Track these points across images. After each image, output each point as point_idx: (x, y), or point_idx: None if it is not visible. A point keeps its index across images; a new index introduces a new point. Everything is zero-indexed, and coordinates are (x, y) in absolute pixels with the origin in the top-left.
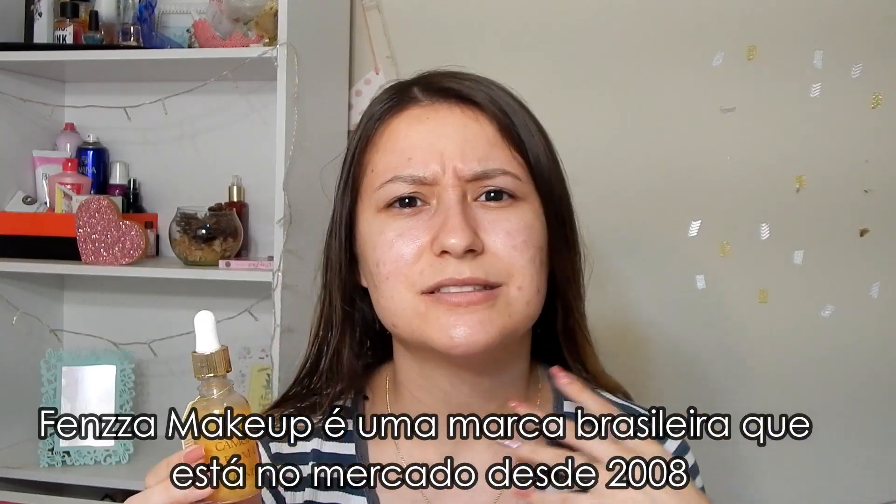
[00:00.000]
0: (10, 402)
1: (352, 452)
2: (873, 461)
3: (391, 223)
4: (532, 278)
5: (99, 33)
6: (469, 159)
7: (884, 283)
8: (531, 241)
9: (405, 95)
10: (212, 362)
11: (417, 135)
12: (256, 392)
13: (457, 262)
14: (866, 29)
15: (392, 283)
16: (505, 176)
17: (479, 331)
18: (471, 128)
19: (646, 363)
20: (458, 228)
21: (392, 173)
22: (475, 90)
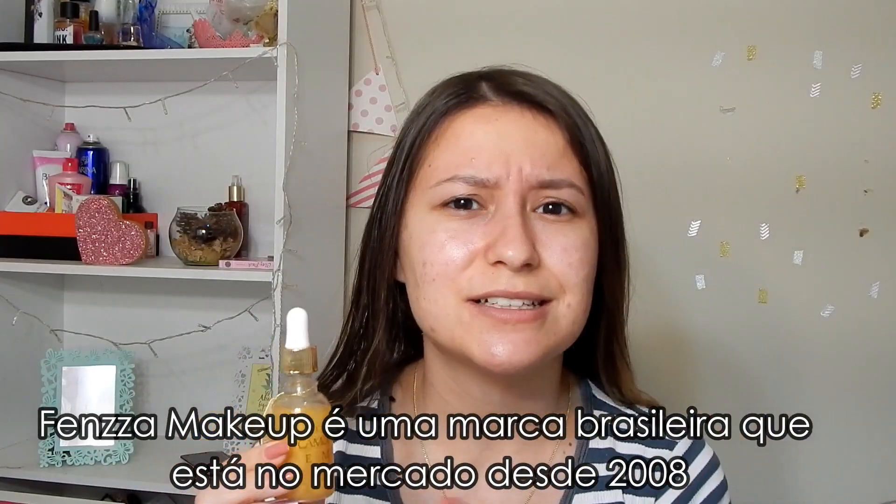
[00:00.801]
0: (10, 402)
1: (377, 455)
2: (873, 461)
3: (444, 223)
4: (582, 297)
5: (99, 33)
6: (537, 166)
7: (884, 283)
8: (586, 260)
9: (473, 92)
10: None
11: (484, 135)
12: (256, 392)
13: (511, 274)
14: (866, 29)
15: (437, 286)
16: (570, 189)
17: (524, 350)
18: (541, 134)
19: (644, 364)
20: (517, 240)
21: (452, 172)
22: (548, 96)
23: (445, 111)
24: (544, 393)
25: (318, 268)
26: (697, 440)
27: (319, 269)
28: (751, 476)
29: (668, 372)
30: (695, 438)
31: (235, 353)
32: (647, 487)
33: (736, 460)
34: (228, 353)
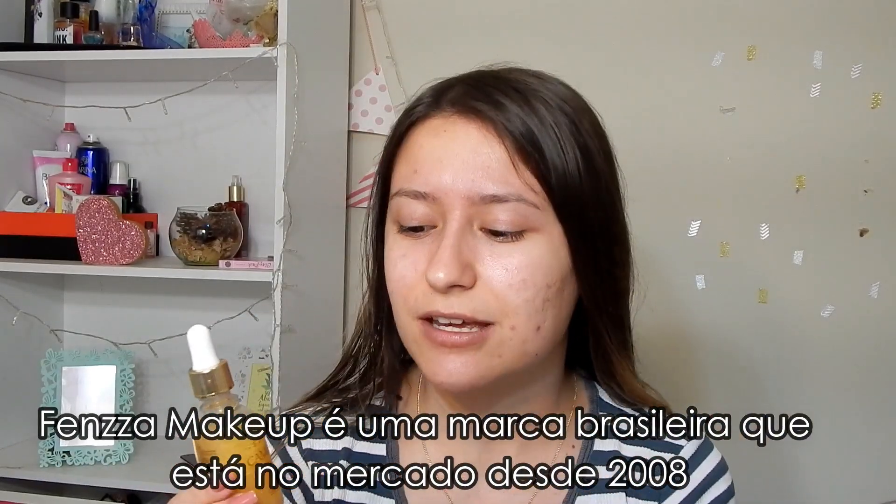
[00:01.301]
0: (10, 402)
1: (383, 453)
2: (874, 460)
3: (399, 241)
4: (529, 317)
5: (99, 33)
6: (479, 181)
7: (884, 283)
8: (532, 280)
9: (436, 102)
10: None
11: (429, 148)
12: (256, 392)
13: (443, 296)
14: (866, 29)
15: (395, 301)
16: (519, 202)
17: (462, 373)
18: (484, 148)
19: (644, 364)
20: (441, 262)
21: (399, 185)
22: (500, 106)
23: (408, 121)
24: (541, 395)
25: (318, 268)
26: (706, 443)
27: (319, 269)
28: (751, 476)
29: (669, 372)
30: (703, 441)
31: (235, 353)
32: (648, 489)
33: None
34: (228, 353)
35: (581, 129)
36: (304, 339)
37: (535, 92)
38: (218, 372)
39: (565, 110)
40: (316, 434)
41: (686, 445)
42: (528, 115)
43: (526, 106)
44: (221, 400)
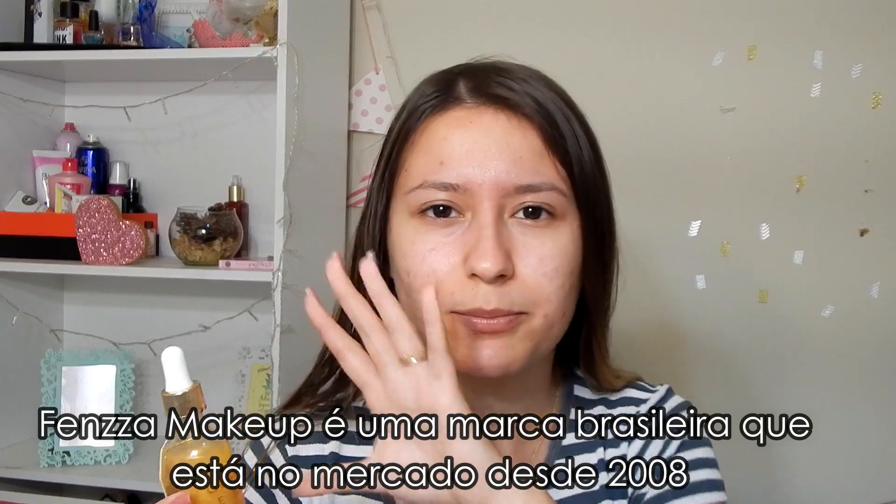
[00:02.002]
0: (10, 402)
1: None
2: (874, 460)
3: (424, 234)
4: (559, 305)
5: (99, 33)
6: (512, 171)
7: (884, 283)
8: (562, 268)
9: (450, 94)
10: (185, 402)
11: (456, 140)
12: (256, 392)
13: (486, 287)
14: (866, 29)
15: None
16: (551, 191)
17: (502, 356)
18: (516, 137)
19: (645, 363)
20: (489, 253)
21: (423, 178)
22: (523, 96)
23: (422, 114)
24: (537, 389)
25: (318, 268)
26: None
27: (319, 269)
28: (750, 476)
29: (669, 371)
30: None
31: (235, 353)
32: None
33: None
34: (228, 353)
35: (584, 120)
36: (304, 339)
37: (541, 81)
38: (190, 393)
39: (568, 101)
40: (300, 439)
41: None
42: (550, 102)
43: (542, 95)
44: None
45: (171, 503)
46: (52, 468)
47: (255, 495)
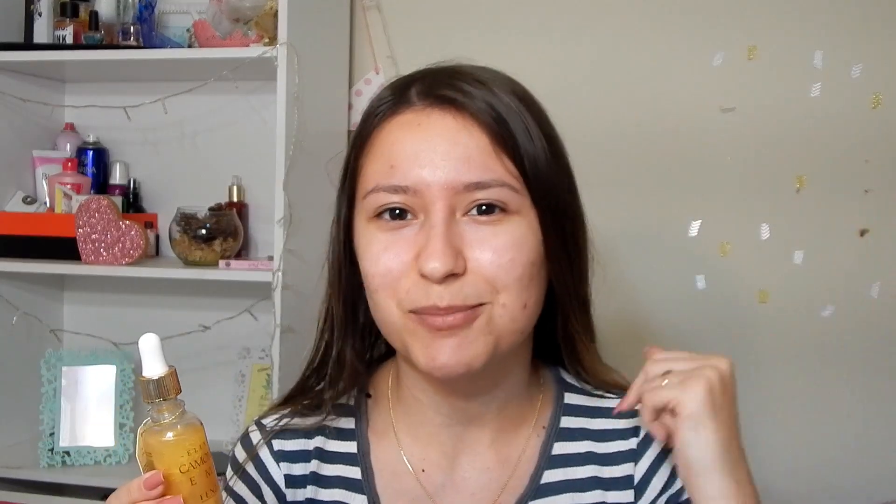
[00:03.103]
0: (10, 402)
1: (354, 451)
2: (874, 460)
3: (378, 235)
4: (518, 295)
5: (99, 33)
6: (461, 170)
7: (884, 283)
8: (519, 259)
9: (402, 97)
10: (161, 386)
11: (406, 142)
12: (256, 392)
13: (438, 286)
14: (866, 29)
15: (381, 297)
16: (501, 188)
17: (460, 353)
18: (463, 137)
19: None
20: (437, 252)
21: (375, 182)
22: (471, 96)
23: (375, 118)
24: (514, 387)
25: (317, 268)
26: None
27: (319, 269)
28: None
29: None
30: None
31: (235, 353)
32: (615, 456)
33: None
34: (228, 353)
35: (541, 115)
36: (304, 339)
37: (494, 79)
38: (166, 378)
39: (525, 100)
40: (287, 435)
41: None
42: (497, 103)
43: (493, 95)
44: (168, 405)
45: (146, 479)
46: (52, 468)
47: (243, 487)
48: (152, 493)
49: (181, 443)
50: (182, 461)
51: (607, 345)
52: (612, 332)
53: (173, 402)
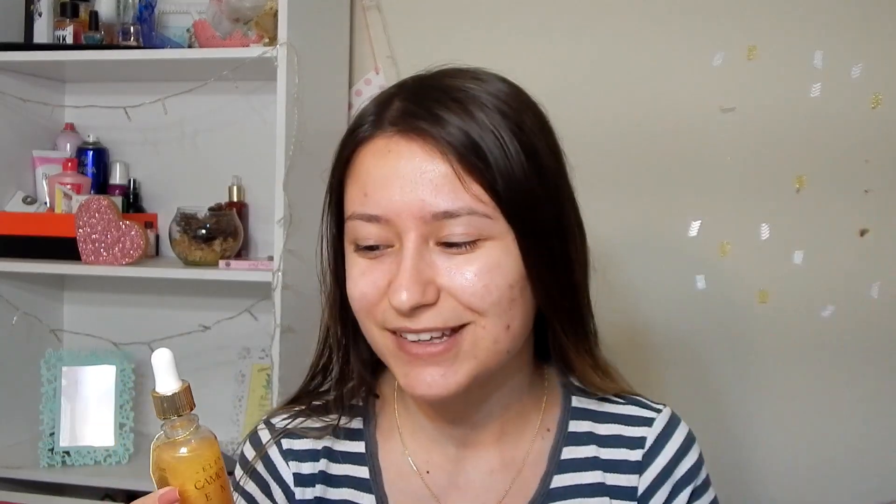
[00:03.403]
0: (10, 402)
1: (362, 451)
2: (874, 460)
3: (359, 260)
4: (499, 317)
5: (99, 33)
6: (429, 199)
7: (884, 283)
8: (494, 284)
9: (379, 120)
10: (175, 402)
11: (377, 170)
12: (256, 392)
13: (407, 319)
14: (866, 29)
15: (362, 318)
16: (471, 216)
17: (441, 384)
18: (431, 165)
19: (646, 364)
20: (403, 285)
21: (352, 209)
22: (441, 122)
23: (355, 140)
24: (514, 392)
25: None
26: (673, 417)
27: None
28: (750, 476)
29: (668, 372)
30: (671, 415)
31: (235, 353)
32: (623, 464)
33: (734, 460)
34: (228, 353)
35: (524, 127)
36: (304, 339)
37: (473, 98)
38: (179, 395)
39: (505, 111)
40: (296, 434)
41: (656, 418)
42: (468, 124)
43: (466, 115)
44: (182, 421)
45: (161, 496)
46: (52, 468)
47: (253, 486)
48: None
49: (196, 458)
50: (197, 477)
51: (606, 345)
52: (612, 333)
53: (188, 417)
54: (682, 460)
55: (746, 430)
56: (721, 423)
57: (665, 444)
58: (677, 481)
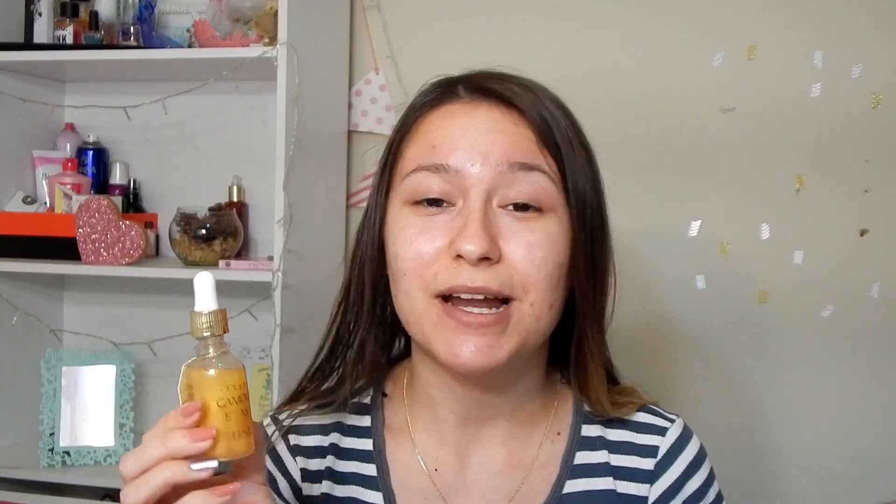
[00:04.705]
0: (10, 402)
1: (370, 448)
2: (873, 460)
3: (413, 219)
4: (546, 294)
5: (99, 33)
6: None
7: (884, 283)
8: (551, 257)
9: (448, 91)
10: (210, 321)
11: (449, 128)
12: (256, 392)
13: (471, 268)
14: (866, 29)
15: (409, 281)
16: (542, 175)
17: (486, 354)
18: (510, 126)
19: (645, 364)
20: (474, 234)
21: (416, 162)
22: (519, 94)
23: (420, 109)
24: (529, 391)
25: (317, 268)
26: (685, 430)
27: (319, 269)
28: (750, 476)
29: (668, 372)
30: (683, 428)
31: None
32: (634, 472)
33: (735, 460)
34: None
35: (580, 129)
36: (304, 339)
37: (538, 87)
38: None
39: (563, 108)
40: (303, 430)
41: (670, 428)
42: (544, 105)
43: (536, 98)
44: (214, 341)
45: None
46: (52, 468)
47: None
48: (187, 421)
49: (221, 378)
50: (220, 395)
51: None
52: (612, 333)
53: (219, 339)
54: (693, 475)
55: (746, 430)
56: (721, 424)
57: (678, 455)
58: (687, 498)
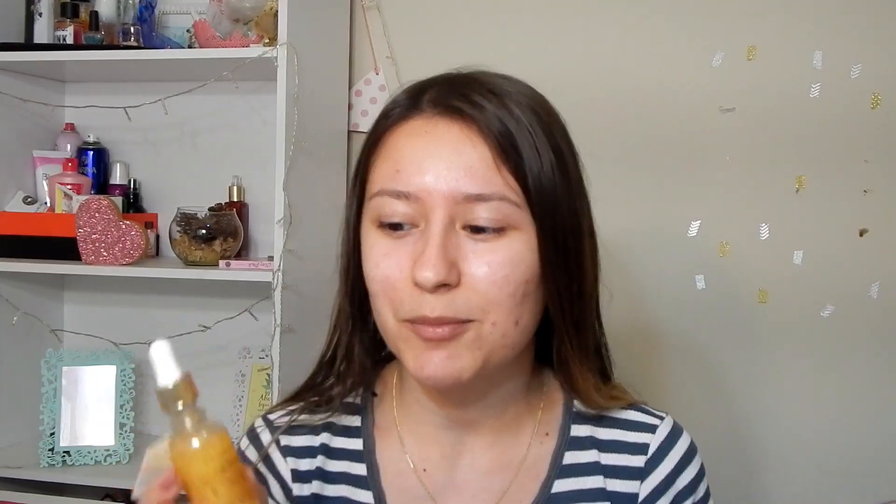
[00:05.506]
0: (10, 402)
1: (360, 448)
2: (873, 460)
3: (381, 240)
4: (510, 312)
5: (99, 33)
6: (462, 180)
7: (883, 283)
8: (513, 276)
9: (414, 103)
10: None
11: (411, 149)
12: (256, 392)
13: (431, 297)
14: (866, 29)
15: (380, 302)
16: (501, 202)
17: (447, 366)
18: (468, 147)
19: (645, 364)
20: (430, 262)
21: (381, 185)
22: (480, 108)
23: (387, 122)
24: (513, 394)
25: (318, 268)
26: (676, 426)
27: (319, 269)
28: (750, 476)
29: (666, 372)
30: (673, 424)
31: (235, 353)
32: (624, 470)
33: (735, 460)
34: (228, 353)
35: (552, 130)
36: (304, 339)
37: (509, 94)
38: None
39: (536, 111)
40: (293, 431)
41: (660, 425)
42: (505, 116)
43: (502, 107)
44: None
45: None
46: (52, 468)
47: None
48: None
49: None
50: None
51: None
52: (611, 334)
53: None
54: (684, 471)
55: (746, 431)
56: (721, 424)
57: (668, 451)
58: (679, 492)
